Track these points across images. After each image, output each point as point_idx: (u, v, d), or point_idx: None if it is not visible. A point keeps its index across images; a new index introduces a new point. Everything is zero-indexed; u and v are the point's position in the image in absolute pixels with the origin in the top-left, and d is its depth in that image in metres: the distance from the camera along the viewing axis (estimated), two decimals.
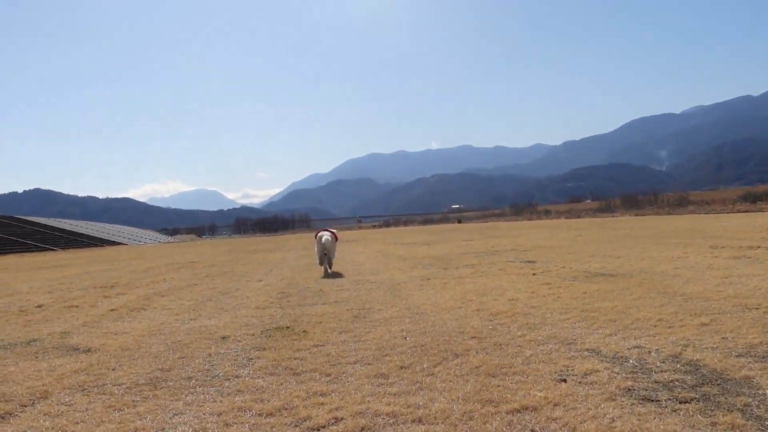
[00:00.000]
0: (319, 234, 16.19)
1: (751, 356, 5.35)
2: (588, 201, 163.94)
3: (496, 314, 8.18)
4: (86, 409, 4.97)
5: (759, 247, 15.48)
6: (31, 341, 8.11)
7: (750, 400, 4.30)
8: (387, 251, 25.38)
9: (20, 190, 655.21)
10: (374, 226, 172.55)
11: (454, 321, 7.90)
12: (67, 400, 5.27)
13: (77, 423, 4.65)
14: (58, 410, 4.98)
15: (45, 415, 4.89)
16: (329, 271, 15.58)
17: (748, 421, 3.93)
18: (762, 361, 5.17)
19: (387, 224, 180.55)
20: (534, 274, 12.63)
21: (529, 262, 15.72)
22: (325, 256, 15.55)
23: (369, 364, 5.92)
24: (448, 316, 8.27)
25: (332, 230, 16.86)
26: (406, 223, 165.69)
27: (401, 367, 5.69)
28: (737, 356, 5.38)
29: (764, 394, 4.39)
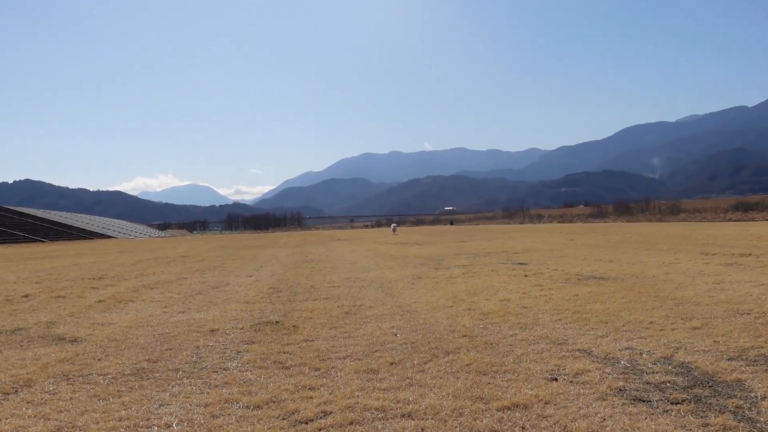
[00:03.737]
0: (393, 222, 68.59)
1: (742, 359, 5.33)
2: (581, 206, 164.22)
3: (487, 314, 8.14)
4: (70, 398, 4.89)
5: (750, 254, 15.53)
6: (16, 330, 8.00)
7: (741, 402, 4.27)
8: (379, 250, 25.33)
9: (10, 181, 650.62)
10: (366, 226, 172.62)
11: (445, 319, 7.85)
12: (51, 388, 5.18)
13: (60, 411, 4.57)
14: (42, 398, 4.90)
15: (28, 403, 4.80)
16: (395, 234, 49.76)
17: (739, 422, 3.90)
18: (753, 365, 5.15)
19: (379, 224, 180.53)
20: (526, 276, 12.61)
21: (521, 264, 15.70)
22: (393, 231, 52.43)
23: (359, 359, 5.86)
24: (439, 315, 8.22)
25: (396, 223, 68.42)
26: (398, 224, 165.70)
27: (391, 363, 5.64)
28: (729, 359, 5.36)
29: (756, 397, 4.36)
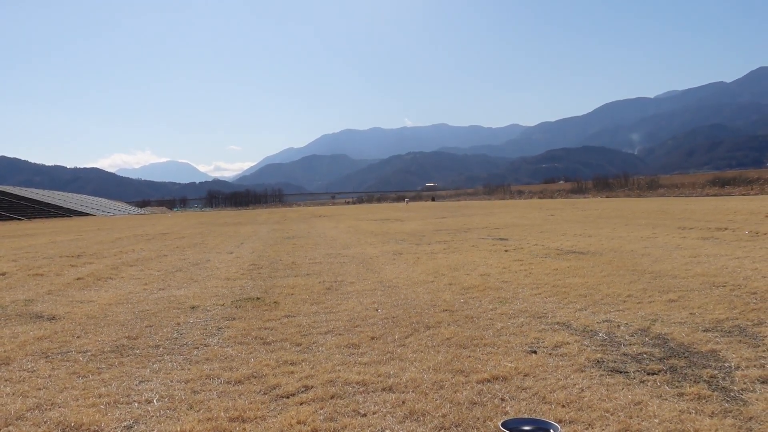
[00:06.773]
0: (406, 198, 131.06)
1: (717, 331, 5.43)
2: (561, 182, 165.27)
3: (468, 288, 8.19)
4: (49, 376, 4.84)
5: (726, 228, 15.76)
6: None
7: (716, 372, 4.35)
8: (360, 227, 25.33)
9: None
10: (347, 203, 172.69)
11: (426, 294, 7.89)
12: (29, 366, 5.13)
13: (39, 389, 4.53)
14: (20, 376, 4.85)
15: (6, 381, 4.76)
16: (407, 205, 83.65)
17: (713, 392, 3.97)
18: (728, 336, 5.25)
19: (360, 201, 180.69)
20: (506, 251, 12.69)
21: (502, 239, 15.80)
22: (407, 205, 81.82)
23: (340, 334, 5.88)
24: (420, 290, 8.26)
25: (408, 199, 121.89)
26: (379, 200, 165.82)
27: (372, 338, 5.66)
28: (704, 331, 5.45)
29: (729, 367, 4.45)
